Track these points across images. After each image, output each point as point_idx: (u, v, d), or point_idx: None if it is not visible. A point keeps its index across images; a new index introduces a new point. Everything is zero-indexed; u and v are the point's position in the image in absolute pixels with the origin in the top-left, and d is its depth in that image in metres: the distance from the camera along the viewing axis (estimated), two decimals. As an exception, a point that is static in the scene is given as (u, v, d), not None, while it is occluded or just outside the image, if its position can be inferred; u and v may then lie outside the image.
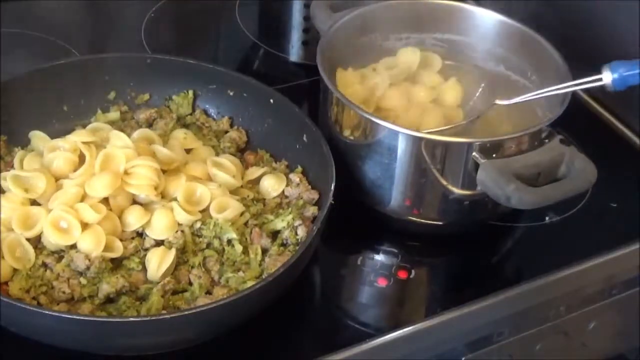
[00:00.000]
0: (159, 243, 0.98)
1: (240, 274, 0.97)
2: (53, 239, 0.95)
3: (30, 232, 0.96)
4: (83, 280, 0.93)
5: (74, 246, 0.95)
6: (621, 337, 1.24)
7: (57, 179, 1.00)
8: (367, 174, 1.04)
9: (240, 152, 1.12)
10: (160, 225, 0.98)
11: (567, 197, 1.00)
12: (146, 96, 1.15)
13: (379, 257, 1.07)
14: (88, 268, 0.94)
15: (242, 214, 1.01)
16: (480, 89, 1.14)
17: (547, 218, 1.12)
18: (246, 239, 1.00)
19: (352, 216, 1.07)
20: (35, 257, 0.95)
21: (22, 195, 0.98)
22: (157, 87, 1.15)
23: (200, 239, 0.99)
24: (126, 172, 0.99)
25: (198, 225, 0.99)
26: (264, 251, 0.99)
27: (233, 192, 1.04)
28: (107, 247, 0.95)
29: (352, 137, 1.05)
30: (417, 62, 1.16)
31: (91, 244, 0.95)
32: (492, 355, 1.08)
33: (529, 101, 1.06)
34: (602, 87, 1.00)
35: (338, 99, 1.04)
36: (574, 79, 1.01)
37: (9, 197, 0.98)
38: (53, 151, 1.02)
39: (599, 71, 0.99)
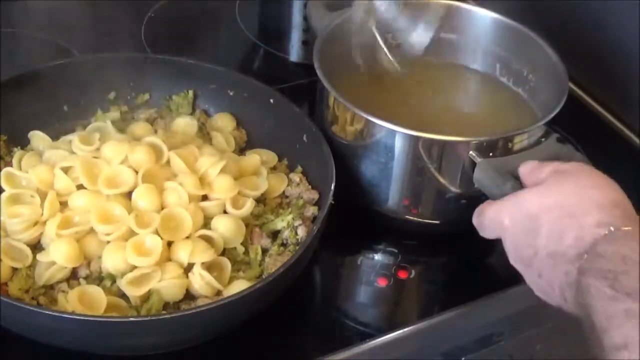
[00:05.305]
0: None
1: (240, 274, 0.97)
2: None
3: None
4: (83, 281, 0.94)
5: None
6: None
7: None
8: (365, 174, 1.04)
9: (240, 152, 1.12)
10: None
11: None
12: (146, 96, 1.15)
13: (379, 257, 1.07)
14: (87, 277, 0.94)
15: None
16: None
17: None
18: (246, 239, 1.00)
19: (351, 216, 1.07)
20: (33, 257, 0.94)
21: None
22: (157, 87, 1.15)
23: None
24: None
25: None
26: (264, 251, 0.99)
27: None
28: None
29: (349, 137, 1.05)
30: None
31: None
32: (492, 355, 1.08)
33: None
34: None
35: (335, 98, 1.04)
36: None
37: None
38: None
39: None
